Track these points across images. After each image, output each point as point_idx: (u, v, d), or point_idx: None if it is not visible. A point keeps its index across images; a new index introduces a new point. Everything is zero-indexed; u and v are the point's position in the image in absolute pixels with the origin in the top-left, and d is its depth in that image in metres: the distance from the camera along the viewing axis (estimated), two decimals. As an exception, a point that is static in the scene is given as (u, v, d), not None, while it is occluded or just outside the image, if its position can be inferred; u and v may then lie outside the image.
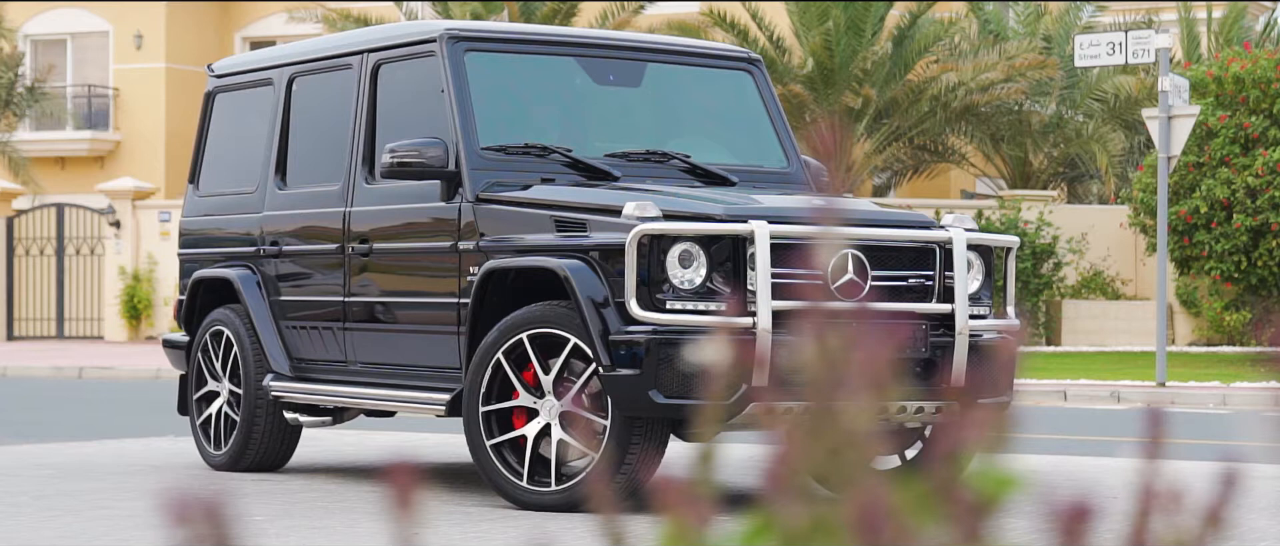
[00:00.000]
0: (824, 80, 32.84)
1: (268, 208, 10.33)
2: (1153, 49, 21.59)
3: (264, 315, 10.25)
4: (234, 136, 10.81)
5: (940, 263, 8.53)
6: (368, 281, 9.59)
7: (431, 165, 8.89)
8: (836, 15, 32.46)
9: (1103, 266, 31.32)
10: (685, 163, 9.49)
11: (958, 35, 34.82)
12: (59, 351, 30.11)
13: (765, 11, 33.87)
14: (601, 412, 8.19)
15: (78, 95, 45.72)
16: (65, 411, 17.37)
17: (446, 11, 32.95)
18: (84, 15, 45.48)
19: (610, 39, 9.90)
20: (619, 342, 8.00)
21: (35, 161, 42.51)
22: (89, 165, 44.46)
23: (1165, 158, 20.92)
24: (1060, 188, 38.28)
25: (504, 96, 9.41)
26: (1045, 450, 12.80)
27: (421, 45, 9.38)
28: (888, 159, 36.00)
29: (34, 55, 45.31)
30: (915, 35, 33.23)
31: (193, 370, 10.73)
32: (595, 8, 34.59)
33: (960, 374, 8.41)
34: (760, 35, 33.77)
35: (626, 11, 34.02)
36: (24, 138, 43.52)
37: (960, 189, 41.36)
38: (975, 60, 33.61)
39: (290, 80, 10.33)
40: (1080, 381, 21.13)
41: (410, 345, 9.29)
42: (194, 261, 10.93)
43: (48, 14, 45.55)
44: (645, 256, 8.03)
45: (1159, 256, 21.27)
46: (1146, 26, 32.03)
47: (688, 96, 10.02)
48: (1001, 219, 29.53)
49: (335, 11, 34.74)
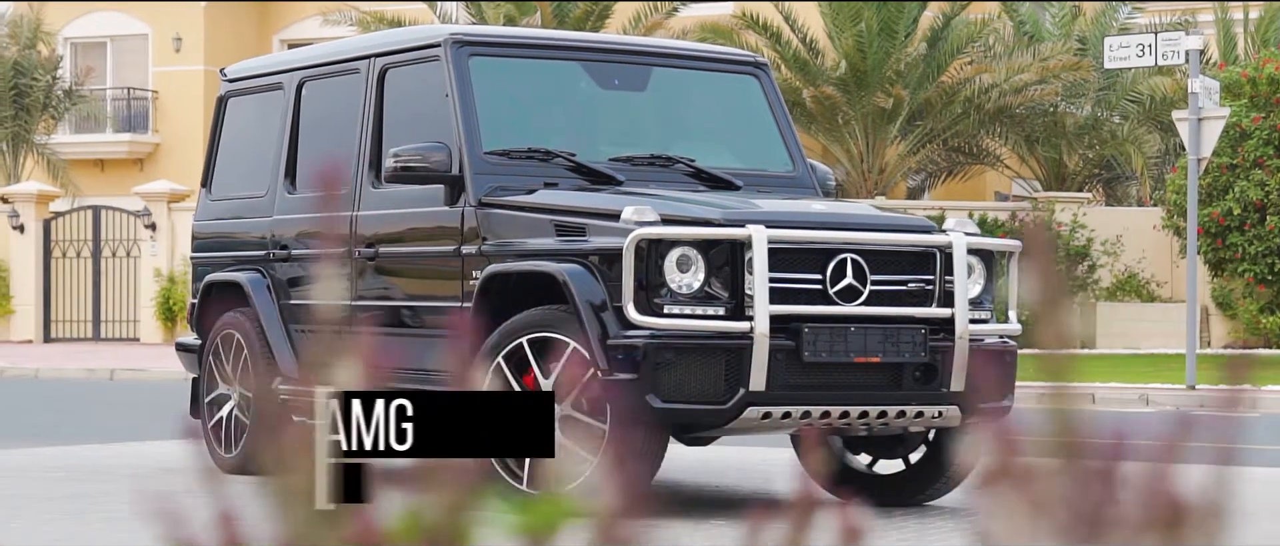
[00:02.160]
0: (856, 82, 32.79)
1: (277, 211, 10.37)
2: (1182, 50, 21.49)
3: (273, 318, 10.29)
4: (245, 140, 10.86)
5: (940, 267, 8.51)
6: (373, 285, 9.62)
7: (435, 169, 8.92)
8: (869, 17, 32.41)
9: (1138, 268, 31.19)
10: (690, 167, 9.48)
11: (991, 36, 34.72)
12: (94, 353, 30.26)
13: (798, 13, 33.83)
14: (601, 417, 8.19)
15: (117, 98, 45.94)
16: (92, 413, 17.45)
17: (480, 13, 33.01)
18: (123, 18, 45.71)
19: (615, 43, 9.92)
20: (616, 347, 8.01)
21: (75, 163, 42.74)
22: (128, 167, 44.67)
23: (1195, 159, 20.84)
24: (1096, 189, 38.14)
25: (508, 101, 9.43)
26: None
27: (426, 50, 9.40)
28: (922, 161, 35.92)
29: (74, 58, 45.56)
30: (949, 36, 33.16)
31: (204, 373, 10.77)
32: (629, 9, 34.59)
33: (960, 379, 8.39)
34: (793, 37, 33.75)
35: (659, 13, 34.03)
36: (64, 140, 43.75)
37: (995, 191, 41.25)
38: (1009, 62, 33.52)
39: (300, 85, 10.37)
40: (1110, 384, 21.05)
41: (414, 348, 9.31)
42: (206, 265, 10.98)
43: (88, 17, 45.79)
44: (643, 260, 8.03)
45: (1189, 259, 21.19)
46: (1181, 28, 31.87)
47: (693, 100, 10.02)
48: (1035, 221, 29.43)
49: (369, 14, 34.83)
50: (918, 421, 8.46)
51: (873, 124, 33.53)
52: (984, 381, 8.61)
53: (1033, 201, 31.31)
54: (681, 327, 8.00)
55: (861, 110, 33.24)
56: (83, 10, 45.60)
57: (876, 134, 33.72)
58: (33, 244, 35.93)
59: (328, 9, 36.59)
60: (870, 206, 9.23)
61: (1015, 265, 8.98)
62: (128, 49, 45.98)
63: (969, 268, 8.63)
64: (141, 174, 43.23)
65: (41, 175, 40.66)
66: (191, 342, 11.01)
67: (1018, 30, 35.70)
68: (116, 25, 45.77)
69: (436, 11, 33.64)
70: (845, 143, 33.97)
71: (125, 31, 45.82)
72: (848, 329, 8.19)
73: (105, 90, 45.59)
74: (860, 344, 8.20)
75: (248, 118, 10.87)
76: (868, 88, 32.78)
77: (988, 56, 34.45)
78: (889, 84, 32.75)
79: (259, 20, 45.58)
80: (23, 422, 15.89)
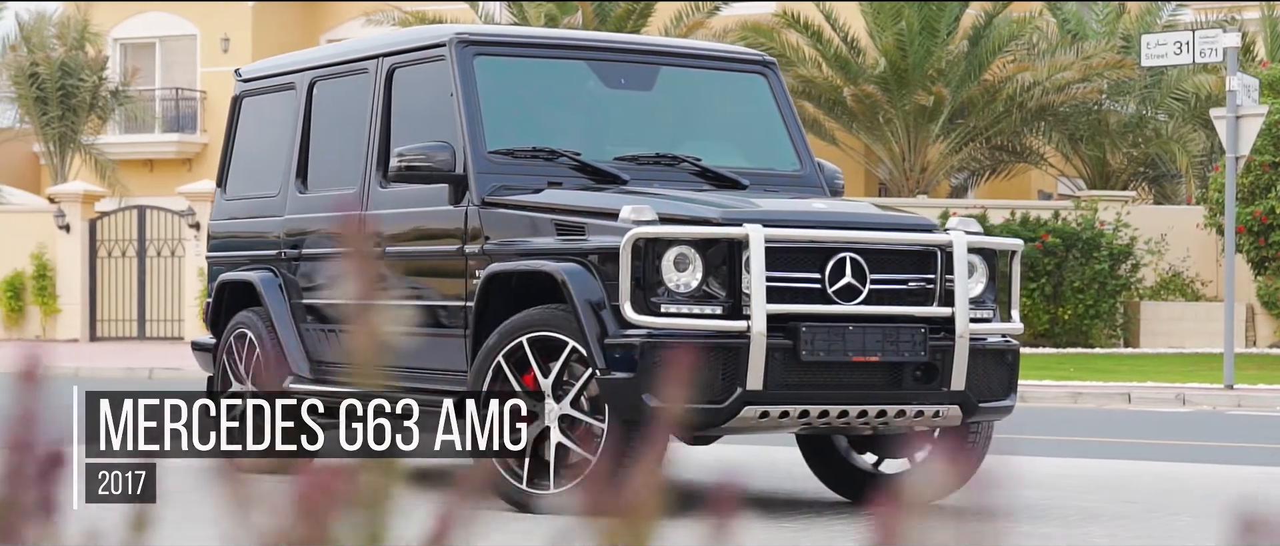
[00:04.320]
0: (897, 80, 32.71)
1: (289, 211, 10.41)
2: (1221, 48, 21.39)
3: (285, 317, 10.32)
4: (259, 140, 10.90)
5: (941, 266, 8.47)
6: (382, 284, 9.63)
7: (439, 169, 8.93)
8: (910, 15, 32.33)
9: (1182, 267, 31.02)
10: (696, 166, 9.46)
11: (1034, 34, 34.58)
12: (137, 352, 30.43)
13: (839, 12, 33.77)
14: (600, 416, 8.19)
15: (165, 98, 46.20)
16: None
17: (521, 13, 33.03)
18: (172, 19, 45.95)
19: (622, 42, 9.90)
20: (613, 346, 8.00)
21: (124, 164, 42.99)
22: (176, 167, 44.91)
23: (1233, 157, 20.74)
24: (1141, 188, 37.94)
25: (514, 100, 9.43)
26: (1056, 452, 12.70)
27: (432, 49, 9.41)
28: (964, 159, 35.80)
29: (123, 58, 45.84)
30: (991, 34, 33.04)
31: (219, 372, 10.81)
32: (670, 9, 34.58)
33: (961, 378, 8.35)
34: (834, 36, 33.68)
35: (700, 13, 33.99)
36: (113, 140, 44.02)
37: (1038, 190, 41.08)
38: (1051, 60, 33.38)
39: (311, 84, 10.40)
40: (1147, 383, 20.94)
41: (421, 348, 9.33)
42: (220, 264, 11.02)
43: (136, 18, 46.06)
44: (640, 260, 8.02)
45: (1227, 257, 21.08)
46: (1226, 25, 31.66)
47: (700, 99, 10.00)
48: (1078, 219, 29.30)
49: (412, 14, 34.90)
50: (918, 421, 8.43)
51: (914, 122, 33.45)
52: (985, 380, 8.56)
53: (1075, 200, 31.16)
54: (678, 327, 7.98)
55: (903, 109, 33.15)
56: (131, 11, 45.87)
57: (918, 132, 33.62)
58: (79, 243, 36.13)
59: (371, 9, 36.69)
60: (871, 205, 9.18)
61: (1016, 264, 8.94)
62: (176, 50, 46.23)
63: (971, 267, 8.59)
64: (189, 174, 43.45)
65: (89, 175, 40.90)
66: (207, 342, 11.07)
67: (1061, 28, 35.55)
68: (165, 26, 46.02)
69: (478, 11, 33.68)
70: (887, 141, 33.89)
71: (173, 32, 46.07)
72: (846, 328, 8.16)
73: (154, 91, 45.86)
74: (859, 343, 8.17)
75: (261, 118, 10.91)
76: (909, 86, 32.69)
77: (1031, 54, 34.31)
78: (930, 82, 32.66)
79: (306, 20, 45.74)
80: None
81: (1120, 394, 20.01)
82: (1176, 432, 15.70)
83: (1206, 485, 10.42)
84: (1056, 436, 15.15)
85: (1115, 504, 9.29)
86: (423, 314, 9.37)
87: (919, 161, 33.87)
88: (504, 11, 34.90)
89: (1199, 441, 14.71)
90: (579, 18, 32.49)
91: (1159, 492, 9.91)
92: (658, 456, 7.23)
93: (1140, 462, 11.89)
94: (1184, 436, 15.21)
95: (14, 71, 39.10)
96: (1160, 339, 29.90)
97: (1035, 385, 20.55)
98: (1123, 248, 29.31)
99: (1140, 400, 19.76)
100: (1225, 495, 9.83)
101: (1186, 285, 30.94)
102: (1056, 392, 20.15)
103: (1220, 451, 13.55)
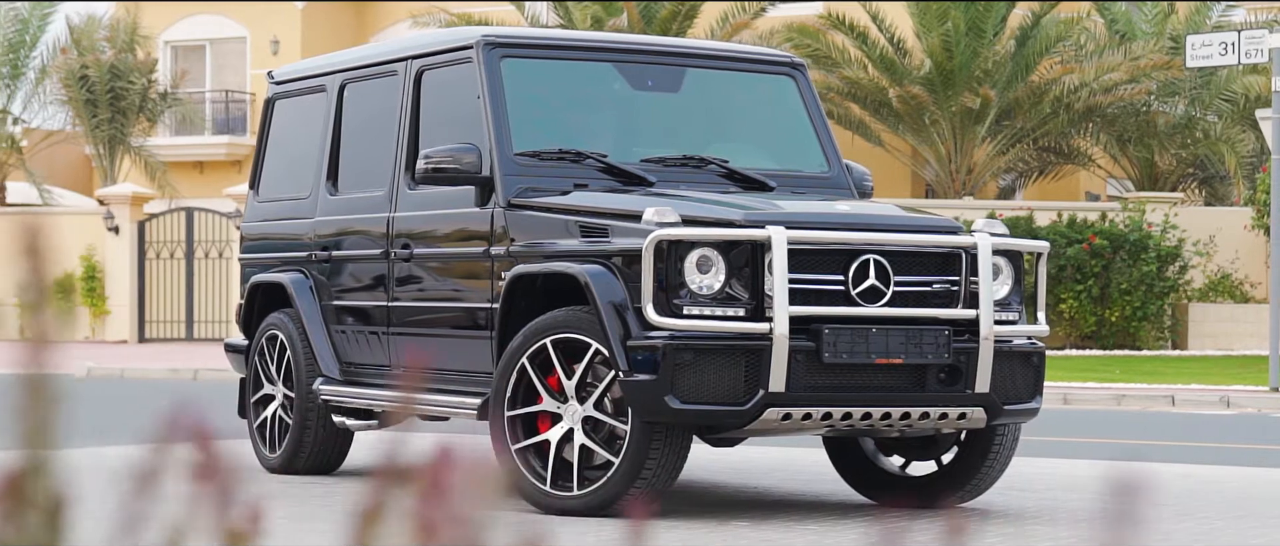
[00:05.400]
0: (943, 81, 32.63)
1: (319, 213, 10.44)
2: (1266, 48, 21.26)
3: (315, 319, 10.36)
4: (291, 143, 10.93)
5: (966, 268, 8.44)
6: (409, 286, 9.67)
7: (465, 171, 8.94)
8: (956, 16, 32.26)
9: (1230, 269, 30.86)
10: (723, 167, 9.45)
11: (1082, 35, 34.44)
12: (185, 353, 30.57)
13: (886, 12, 33.70)
14: (623, 418, 8.19)
15: (216, 100, 46.44)
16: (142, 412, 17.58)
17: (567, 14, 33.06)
18: (222, 21, 46.19)
19: (649, 44, 9.89)
20: (636, 348, 7.99)
21: (174, 166, 43.23)
22: (226, 169, 45.12)
23: (1278, 158, 20.63)
24: (1191, 189, 37.76)
25: (540, 102, 9.43)
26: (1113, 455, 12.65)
27: (460, 51, 9.42)
28: (1012, 161, 35.67)
29: (174, 61, 46.09)
30: (1038, 35, 32.93)
31: (251, 374, 10.86)
32: (716, 9, 34.57)
33: (985, 380, 8.32)
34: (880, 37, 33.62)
35: (747, 14, 33.97)
36: (164, 142, 44.28)
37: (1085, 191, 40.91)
38: (1099, 61, 33.25)
39: (342, 87, 10.43)
40: (1192, 386, 20.83)
41: (448, 349, 9.35)
42: (253, 266, 11.07)
43: (187, 21, 46.31)
44: (663, 261, 8.01)
45: (1272, 258, 20.96)
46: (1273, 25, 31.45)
47: (728, 101, 9.97)
48: (1125, 221, 29.18)
49: (458, 16, 34.97)
50: (941, 423, 8.40)
51: (960, 124, 33.36)
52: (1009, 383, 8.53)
53: (1123, 202, 31.04)
54: (701, 329, 7.97)
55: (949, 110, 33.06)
56: (182, 13, 46.11)
57: (964, 134, 33.53)
58: (127, 245, 36.33)
59: (419, 10, 36.78)
60: (895, 207, 9.13)
61: (1042, 266, 8.91)
62: (226, 52, 46.47)
63: (996, 269, 8.56)
64: (239, 175, 43.64)
65: (139, 177, 41.14)
66: (239, 344, 11.12)
67: (1110, 28, 35.39)
68: (215, 28, 46.26)
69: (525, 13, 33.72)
70: (933, 143, 33.81)
71: (224, 35, 46.30)
72: (869, 330, 8.14)
73: (204, 93, 46.10)
74: (882, 345, 8.15)
75: (294, 120, 10.95)
76: (955, 87, 32.61)
77: (1079, 55, 34.18)
78: (976, 83, 32.57)
79: (355, 22, 45.90)
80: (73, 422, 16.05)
81: (1164, 396, 19.90)
82: (1218, 435, 15.62)
83: (1240, 487, 10.36)
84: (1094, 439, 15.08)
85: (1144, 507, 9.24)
86: (451, 316, 9.39)
87: (965, 163, 33.77)
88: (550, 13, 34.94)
89: (1240, 444, 14.62)
90: (624, 19, 32.49)
91: (1191, 495, 9.85)
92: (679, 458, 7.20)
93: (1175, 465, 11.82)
94: (1226, 439, 15.13)
95: (64, 74, 39.34)
96: (1208, 341, 29.74)
97: (1079, 387, 20.46)
98: (1170, 249, 29.18)
99: (1184, 402, 19.65)
100: (1258, 498, 9.78)
101: (1235, 287, 30.78)
102: (1100, 395, 20.05)
103: (1260, 454, 13.47)
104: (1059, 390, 20.05)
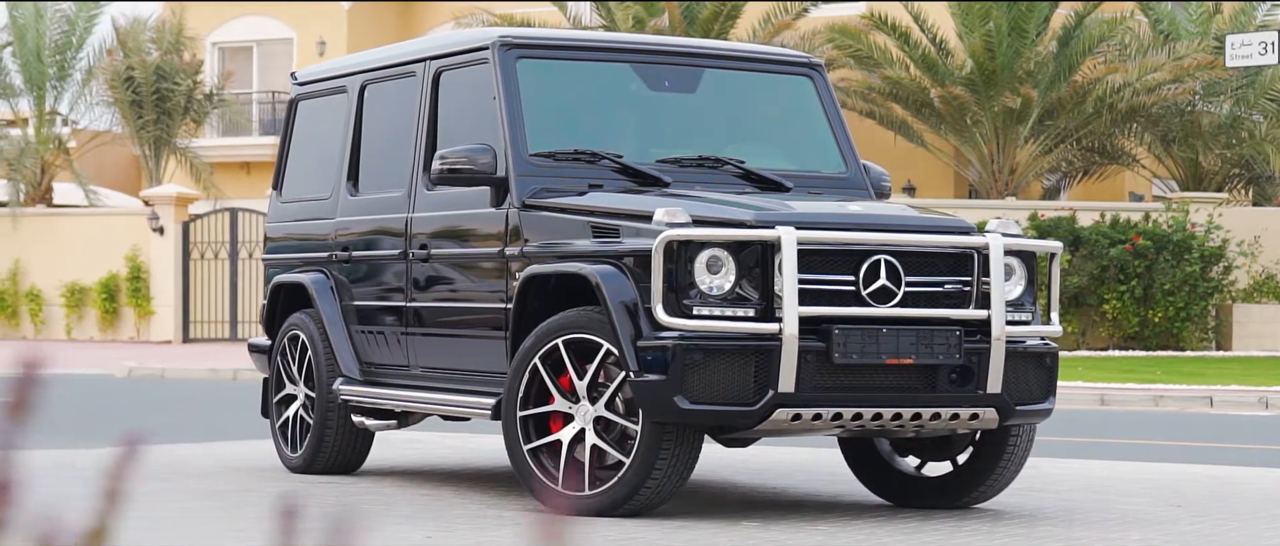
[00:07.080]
0: (985, 81, 32.53)
1: (340, 213, 10.48)
2: (1306, 48, 21.16)
3: (336, 319, 10.40)
4: (313, 143, 10.98)
5: (978, 268, 8.42)
6: (426, 286, 9.70)
7: (480, 171, 8.96)
8: (999, 16, 32.16)
9: (1276, 270, 30.67)
10: (739, 168, 9.45)
11: (1125, 35, 34.30)
12: (228, 353, 30.69)
13: (927, 13, 33.62)
14: (634, 418, 8.20)
15: (263, 101, 46.64)
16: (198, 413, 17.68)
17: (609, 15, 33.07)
18: (269, 22, 46.38)
19: (665, 45, 9.89)
20: (646, 348, 8.00)
21: (221, 167, 43.41)
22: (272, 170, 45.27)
23: (1318, 159, 20.54)
24: (1238, 189, 37.55)
25: (556, 103, 9.44)
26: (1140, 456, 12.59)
27: (476, 52, 9.45)
28: (1055, 161, 35.54)
29: (221, 62, 46.31)
30: (1081, 35, 32.80)
31: (273, 374, 10.91)
32: (758, 10, 34.54)
33: (997, 381, 8.30)
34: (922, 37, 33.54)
35: (788, 14, 33.93)
36: (211, 143, 44.49)
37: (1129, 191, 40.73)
38: (1142, 61, 33.10)
39: (362, 88, 10.47)
40: (1230, 387, 20.72)
41: (463, 349, 9.38)
42: (276, 266, 11.12)
43: (234, 22, 46.52)
44: (673, 262, 8.02)
45: (1312, 260, 20.83)
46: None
47: (745, 102, 9.96)
48: (1169, 221, 29.04)
49: (500, 17, 35.02)
50: (953, 423, 8.38)
51: (1003, 124, 33.26)
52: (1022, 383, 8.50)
53: (1166, 202, 30.89)
54: (711, 329, 7.98)
55: (991, 110, 32.96)
56: (229, 15, 46.32)
57: (1006, 134, 33.43)
58: (172, 246, 36.51)
59: (462, 10, 36.86)
60: (908, 207, 9.11)
61: (1056, 266, 8.88)
62: (273, 53, 46.66)
63: (1009, 269, 8.54)
64: (285, 176, 43.80)
65: (184, 178, 41.34)
66: (262, 344, 11.17)
67: (1154, 28, 35.24)
68: (262, 30, 46.46)
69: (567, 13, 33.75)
70: (975, 143, 33.71)
71: (270, 36, 46.50)
72: (880, 330, 8.12)
73: (251, 94, 46.31)
74: (892, 345, 8.14)
75: (316, 120, 10.99)
76: (997, 87, 32.51)
77: (1122, 55, 34.03)
78: (1019, 83, 32.46)
79: (400, 22, 46.03)
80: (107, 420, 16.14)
81: (1202, 397, 19.80)
82: (1254, 436, 15.53)
83: (1263, 489, 10.30)
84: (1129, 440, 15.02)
85: (1162, 508, 9.20)
86: (467, 316, 9.41)
87: (1008, 163, 33.67)
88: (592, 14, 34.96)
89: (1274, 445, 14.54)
90: (666, 20, 32.50)
91: (1212, 496, 9.80)
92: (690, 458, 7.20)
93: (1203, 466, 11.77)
94: (1261, 440, 15.05)
95: (110, 75, 39.55)
96: (1253, 341, 29.58)
97: (1118, 388, 20.38)
98: (1214, 250, 29.02)
99: (1222, 404, 19.55)
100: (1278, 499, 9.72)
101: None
102: (1139, 395, 19.96)
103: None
104: (1097, 391, 19.97)
